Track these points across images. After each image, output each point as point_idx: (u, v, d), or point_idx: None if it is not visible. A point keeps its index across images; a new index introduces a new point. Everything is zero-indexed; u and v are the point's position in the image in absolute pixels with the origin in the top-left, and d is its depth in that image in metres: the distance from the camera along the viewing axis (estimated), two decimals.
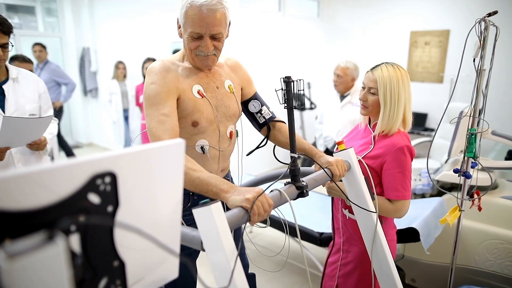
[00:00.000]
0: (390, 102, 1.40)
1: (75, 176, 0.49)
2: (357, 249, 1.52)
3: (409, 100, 1.43)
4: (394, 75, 1.39)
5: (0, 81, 1.76)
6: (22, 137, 1.73)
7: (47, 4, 6.40)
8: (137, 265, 0.62)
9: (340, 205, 1.56)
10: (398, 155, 1.38)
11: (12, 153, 1.77)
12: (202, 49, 1.25)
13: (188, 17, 1.21)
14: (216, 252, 0.82)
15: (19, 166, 1.80)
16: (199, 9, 1.18)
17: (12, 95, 1.76)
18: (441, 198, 2.40)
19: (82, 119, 6.42)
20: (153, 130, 1.18)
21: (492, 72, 1.59)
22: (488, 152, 3.46)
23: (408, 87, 1.42)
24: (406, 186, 1.40)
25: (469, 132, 1.65)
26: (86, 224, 0.49)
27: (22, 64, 3.04)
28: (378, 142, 1.46)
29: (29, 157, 1.86)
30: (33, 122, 1.71)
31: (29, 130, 1.73)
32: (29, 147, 1.81)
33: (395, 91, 1.39)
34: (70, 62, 6.19)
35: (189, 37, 1.24)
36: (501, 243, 2.13)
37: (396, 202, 1.41)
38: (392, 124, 1.42)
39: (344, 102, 3.09)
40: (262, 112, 1.47)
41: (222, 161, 1.43)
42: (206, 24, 1.20)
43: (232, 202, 0.95)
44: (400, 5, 4.80)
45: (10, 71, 1.80)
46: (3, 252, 0.36)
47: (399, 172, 1.38)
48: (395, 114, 1.40)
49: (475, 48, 1.58)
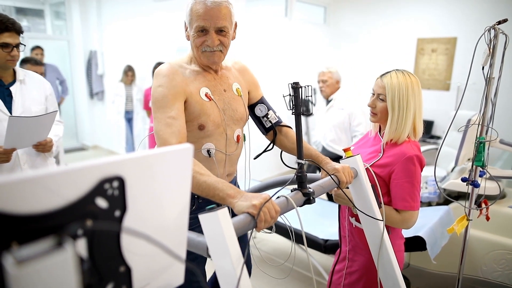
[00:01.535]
0: (398, 109, 1.37)
1: (83, 180, 0.49)
2: (363, 259, 1.50)
3: (420, 108, 1.41)
4: (403, 82, 1.37)
5: (7, 83, 1.77)
6: (27, 138, 1.73)
7: (56, 7, 6.48)
8: (143, 271, 0.61)
9: (347, 213, 1.54)
10: (407, 165, 1.36)
11: (19, 155, 1.78)
12: (208, 43, 1.25)
13: (193, 12, 1.22)
14: (222, 258, 0.81)
15: (25, 168, 1.80)
16: (204, 3, 1.21)
17: (19, 97, 1.77)
18: (448, 206, 2.38)
19: (88, 121, 6.45)
20: (160, 133, 1.18)
21: (500, 80, 1.58)
22: (495, 161, 3.43)
23: (419, 95, 1.40)
24: (414, 197, 1.37)
25: (478, 140, 1.63)
26: (94, 229, 0.48)
27: (34, 67, 3.10)
28: (387, 151, 1.44)
29: (35, 158, 1.86)
30: (38, 120, 1.71)
31: (35, 130, 1.73)
32: (35, 148, 1.80)
33: (403, 98, 1.36)
34: (77, 65, 6.24)
35: (195, 32, 1.25)
36: (508, 253, 2.10)
37: (404, 212, 1.38)
38: (400, 132, 1.39)
39: (328, 106, 3.20)
40: (269, 116, 1.47)
41: (229, 165, 1.42)
42: (210, 16, 1.21)
43: (238, 208, 0.94)
44: (406, 12, 4.79)
45: (17, 73, 1.81)
46: (11, 258, 0.36)
47: (407, 182, 1.36)
48: (403, 122, 1.38)
49: (484, 56, 1.56)
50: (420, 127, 1.43)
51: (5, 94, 1.75)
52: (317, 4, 5.40)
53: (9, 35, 1.67)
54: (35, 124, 1.71)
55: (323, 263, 2.68)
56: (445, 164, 3.42)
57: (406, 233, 1.98)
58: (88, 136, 6.58)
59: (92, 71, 5.99)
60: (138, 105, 4.82)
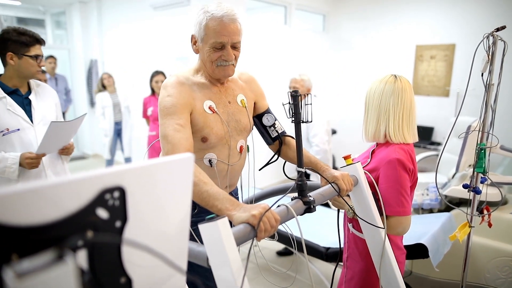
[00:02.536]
0: (367, 107, 1.42)
1: (84, 191, 0.48)
2: (358, 266, 1.48)
3: (406, 111, 1.37)
4: (377, 85, 1.40)
5: (24, 92, 1.82)
6: (57, 142, 1.80)
7: (56, 17, 6.54)
8: (144, 282, 0.61)
9: (346, 218, 1.54)
10: (387, 169, 1.34)
11: (43, 160, 1.79)
12: (225, 57, 1.27)
13: (209, 28, 1.24)
14: (221, 268, 0.81)
15: (49, 173, 1.84)
16: (221, 20, 1.23)
17: (38, 105, 1.83)
18: (450, 213, 2.36)
19: (88, 130, 6.46)
20: (169, 138, 1.18)
21: (500, 87, 1.59)
22: (496, 167, 3.42)
23: (402, 98, 1.36)
24: (399, 202, 1.33)
25: (479, 147, 1.63)
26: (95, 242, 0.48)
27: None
28: (376, 156, 1.44)
29: (56, 163, 1.90)
30: (72, 124, 1.79)
31: (65, 134, 1.80)
32: (61, 152, 1.87)
33: (372, 98, 1.40)
34: (78, 74, 6.27)
35: (211, 48, 1.26)
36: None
37: (391, 218, 1.35)
38: (373, 132, 1.42)
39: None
40: (276, 126, 1.48)
41: (231, 176, 1.42)
42: (228, 33, 1.24)
43: (237, 219, 0.94)
44: (405, 19, 4.83)
45: (30, 83, 1.86)
46: (11, 271, 0.36)
47: (390, 187, 1.34)
48: (374, 121, 1.40)
49: (483, 62, 1.57)
50: (408, 129, 1.39)
51: (24, 104, 1.80)
52: (316, 12, 5.44)
53: (39, 47, 1.77)
54: (69, 128, 1.79)
55: (324, 271, 2.66)
56: (445, 171, 3.41)
57: (408, 240, 1.97)
58: (88, 144, 6.58)
59: (93, 80, 6.02)
60: (126, 113, 4.69)
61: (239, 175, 1.50)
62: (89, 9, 5.95)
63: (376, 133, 1.42)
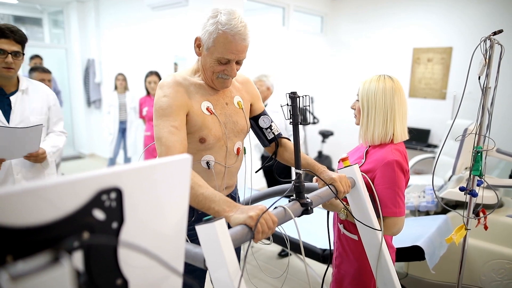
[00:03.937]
0: (368, 109, 1.41)
1: (80, 191, 0.48)
2: (350, 267, 1.48)
3: (399, 111, 1.39)
4: (376, 84, 1.39)
5: (9, 92, 1.77)
6: (17, 148, 1.69)
7: (54, 16, 6.51)
8: (140, 283, 0.60)
9: (337, 219, 1.55)
10: (386, 171, 1.35)
11: (12, 165, 1.76)
12: (227, 72, 1.27)
13: (219, 43, 1.21)
14: (218, 270, 0.80)
15: (19, 178, 1.79)
16: (233, 38, 1.20)
17: (19, 106, 1.77)
18: (446, 216, 2.37)
19: (85, 129, 6.44)
20: (163, 140, 1.18)
21: (497, 90, 1.59)
22: (492, 170, 3.44)
23: (399, 98, 1.38)
24: (396, 203, 1.35)
25: (475, 150, 1.63)
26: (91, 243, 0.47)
27: (42, 75, 3.11)
28: (371, 156, 1.44)
29: (29, 169, 1.84)
30: (24, 132, 1.68)
31: (23, 141, 1.69)
32: (26, 159, 1.77)
33: (372, 99, 1.39)
34: (75, 73, 6.24)
35: (216, 61, 1.25)
36: (508, 263, 2.10)
37: (387, 219, 1.36)
38: (372, 132, 1.41)
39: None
40: (272, 128, 1.48)
41: (228, 177, 1.41)
42: (237, 51, 1.23)
43: (234, 220, 0.93)
44: (403, 22, 4.84)
45: (21, 82, 1.81)
46: (6, 274, 0.35)
47: (388, 188, 1.34)
48: (380, 122, 1.39)
49: (480, 66, 1.58)
50: (400, 130, 1.41)
51: (5, 104, 1.74)
52: (314, 14, 5.45)
53: (6, 42, 1.66)
54: (22, 135, 1.67)
55: (321, 273, 2.66)
56: (442, 173, 3.43)
57: (405, 242, 1.98)
58: (85, 144, 6.55)
59: (90, 79, 6.00)
60: (132, 114, 4.75)
61: (236, 176, 1.50)
62: (87, 8, 5.93)
63: (383, 135, 1.40)
